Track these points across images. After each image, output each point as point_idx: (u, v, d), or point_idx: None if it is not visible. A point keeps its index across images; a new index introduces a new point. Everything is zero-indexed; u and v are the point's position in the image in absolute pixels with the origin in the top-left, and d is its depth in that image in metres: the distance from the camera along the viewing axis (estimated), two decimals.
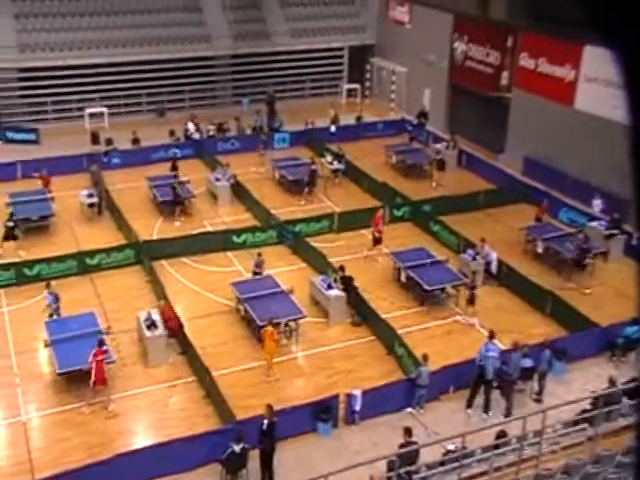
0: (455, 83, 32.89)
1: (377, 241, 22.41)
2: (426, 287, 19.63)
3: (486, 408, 16.04)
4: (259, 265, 20.68)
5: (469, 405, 16.15)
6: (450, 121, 33.16)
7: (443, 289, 20.18)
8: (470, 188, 27.16)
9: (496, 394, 16.20)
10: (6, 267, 20.61)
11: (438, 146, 29.77)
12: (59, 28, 33.24)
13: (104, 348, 16.06)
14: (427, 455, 13.58)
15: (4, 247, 21.92)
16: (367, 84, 38.25)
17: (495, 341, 16.36)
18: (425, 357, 16.24)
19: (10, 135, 30.76)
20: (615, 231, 22.49)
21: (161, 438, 15.15)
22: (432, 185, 28.05)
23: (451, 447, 13.76)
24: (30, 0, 33.57)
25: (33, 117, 32.42)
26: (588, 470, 10.38)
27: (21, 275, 20.58)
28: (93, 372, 15.72)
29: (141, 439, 15.34)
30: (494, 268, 21.13)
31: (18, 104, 32.68)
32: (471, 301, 19.47)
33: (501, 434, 14.02)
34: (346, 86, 37.96)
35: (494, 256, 21.18)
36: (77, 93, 32.64)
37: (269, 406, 14.45)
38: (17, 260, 21.24)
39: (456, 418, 15.72)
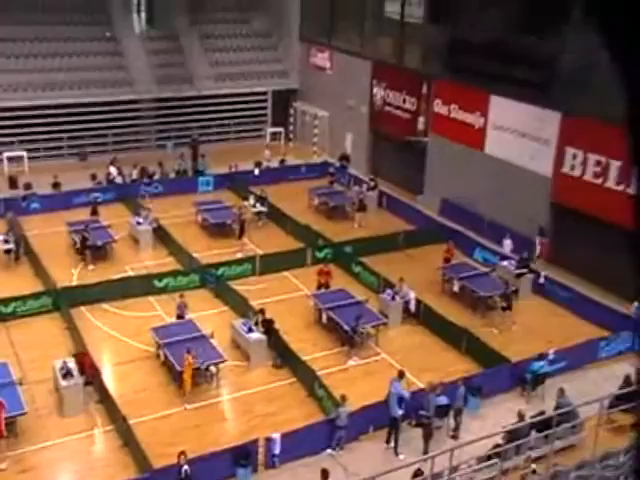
0: (375, 127, 33.89)
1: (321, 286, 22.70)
2: (346, 328, 19.97)
3: (395, 448, 16.28)
4: (181, 307, 20.64)
5: (387, 441, 16.44)
6: (371, 164, 34.08)
7: (363, 330, 20.52)
8: (390, 229, 27.89)
9: (415, 433, 16.54)
10: None
11: (359, 188, 30.48)
12: None
13: None
14: None
15: None
16: (291, 128, 38.98)
17: (401, 380, 16.72)
18: (343, 398, 16.48)
19: None
20: (524, 270, 23.48)
21: None
22: (354, 226, 28.67)
23: None
24: None
25: None
26: None
27: None
28: None
29: None
30: (413, 307, 21.68)
31: None
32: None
33: (418, 472, 14.35)
34: (270, 130, 38.60)
35: (412, 295, 21.74)
36: None
37: (182, 452, 14.39)
38: None
39: (375, 458, 15.95)
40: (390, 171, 32.39)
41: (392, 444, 16.34)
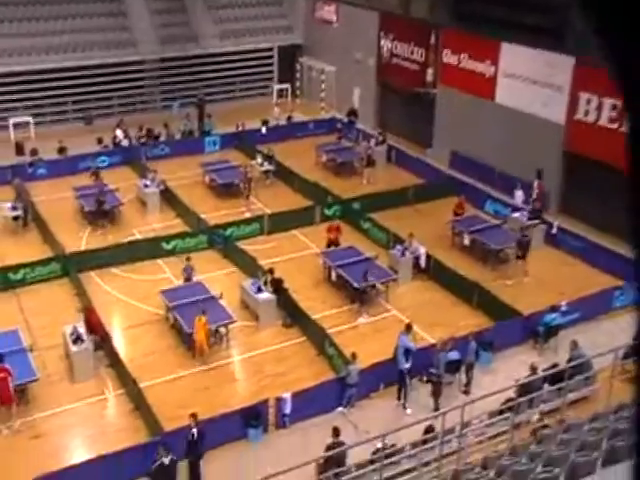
0: (383, 81, 33.17)
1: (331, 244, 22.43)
2: (355, 285, 19.75)
3: (404, 403, 16.18)
4: (188, 271, 20.50)
5: (398, 397, 16.34)
6: (379, 118, 33.44)
7: (373, 286, 20.33)
8: (400, 184, 27.45)
9: (426, 389, 16.41)
10: None
11: (367, 143, 29.94)
12: None
13: (4, 366, 15.50)
14: (358, 455, 13.70)
15: None
16: (297, 84, 38.28)
17: (409, 334, 16.52)
18: (354, 355, 16.35)
19: None
20: (536, 221, 23.03)
21: (91, 454, 14.91)
22: (362, 182, 28.25)
23: (379, 445, 13.89)
24: None
25: None
26: (502, 463, 10.59)
27: None
28: None
29: (69, 457, 15.04)
30: (423, 262, 21.40)
31: None
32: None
33: (429, 429, 14.22)
34: (276, 86, 37.93)
35: (422, 251, 21.44)
36: (0, 102, 31.77)
37: (193, 414, 14.36)
38: None
39: (386, 416, 15.85)
40: (398, 125, 31.77)
41: (402, 400, 16.24)
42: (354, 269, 20.28)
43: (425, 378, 16.53)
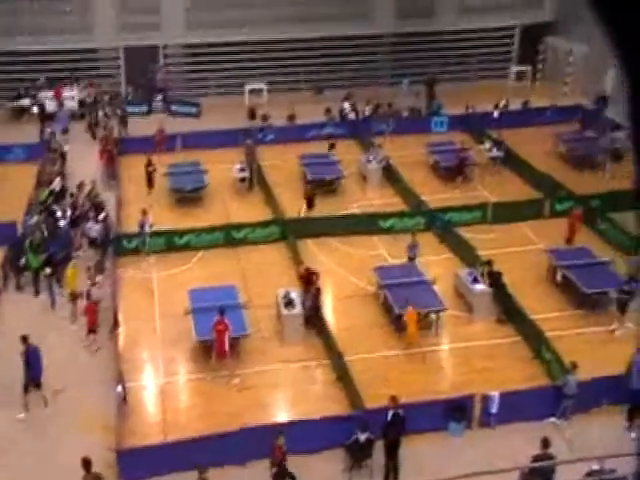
0: None
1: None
2: (585, 290, 18.02)
3: (630, 425, 14.43)
4: (412, 248, 19.88)
5: (628, 419, 14.61)
6: None
7: (605, 293, 18.44)
8: None
9: None
10: (158, 235, 21.27)
11: (616, 135, 27.01)
12: (224, 6, 33.93)
13: (224, 319, 15.93)
14: (566, 473, 12.45)
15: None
16: (539, 66, 35.93)
17: None
18: (574, 365, 14.88)
19: (174, 108, 31.92)
20: None
21: (288, 416, 15.07)
22: (605, 177, 25.69)
23: (596, 467, 12.49)
24: None
25: (196, 92, 33.49)
26: None
27: (171, 243, 21.21)
28: (214, 343, 15.84)
29: (268, 415, 15.27)
30: None
31: (183, 79, 33.94)
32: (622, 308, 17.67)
33: None
34: (515, 68, 35.89)
35: None
36: (238, 69, 33.25)
37: (393, 397, 13.94)
38: (169, 228, 21.85)
39: (606, 436, 14.25)
40: None
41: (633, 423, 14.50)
42: (584, 272, 18.51)
43: None
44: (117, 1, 33.05)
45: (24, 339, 15.11)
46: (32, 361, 14.95)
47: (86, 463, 12.44)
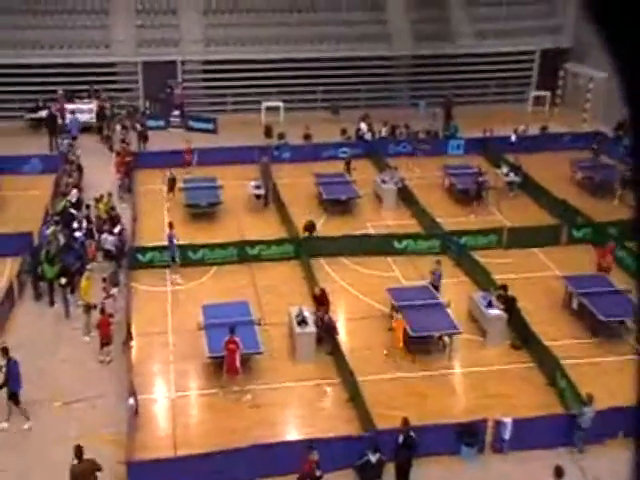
0: None
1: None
2: (601, 318, 17.85)
3: None
4: (437, 275, 19.46)
5: None
6: None
7: (622, 322, 18.26)
8: None
9: None
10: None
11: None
12: (243, 24, 34.25)
13: (235, 338, 15.84)
14: None
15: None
16: (558, 92, 35.93)
17: None
18: (590, 397, 14.67)
19: (191, 123, 32.09)
20: None
21: (299, 435, 14.96)
22: (621, 205, 25.39)
23: None
24: None
25: (213, 107, 33.67)
26: None
27: (186, 258, 21.20)
28: (225, 360, 15.78)
29: (279, 433, 15.16)
30: None
31: (201, 95, 34.19)
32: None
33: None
34: (534, 93, 35.92)
35: None
36: (256, 87, 33.42)
37: (404, 419, 13.86)
38: (183, 243, 21.84)
39: (622, 469, 13.95)
40: None
41: None
42: (600, 300, 18.35)
43: None
44: (136, 17, 33.43)
45: (4, 351, 14.84)
46: (12, 374, 14.62)
47: (78, 450, 12.54)
